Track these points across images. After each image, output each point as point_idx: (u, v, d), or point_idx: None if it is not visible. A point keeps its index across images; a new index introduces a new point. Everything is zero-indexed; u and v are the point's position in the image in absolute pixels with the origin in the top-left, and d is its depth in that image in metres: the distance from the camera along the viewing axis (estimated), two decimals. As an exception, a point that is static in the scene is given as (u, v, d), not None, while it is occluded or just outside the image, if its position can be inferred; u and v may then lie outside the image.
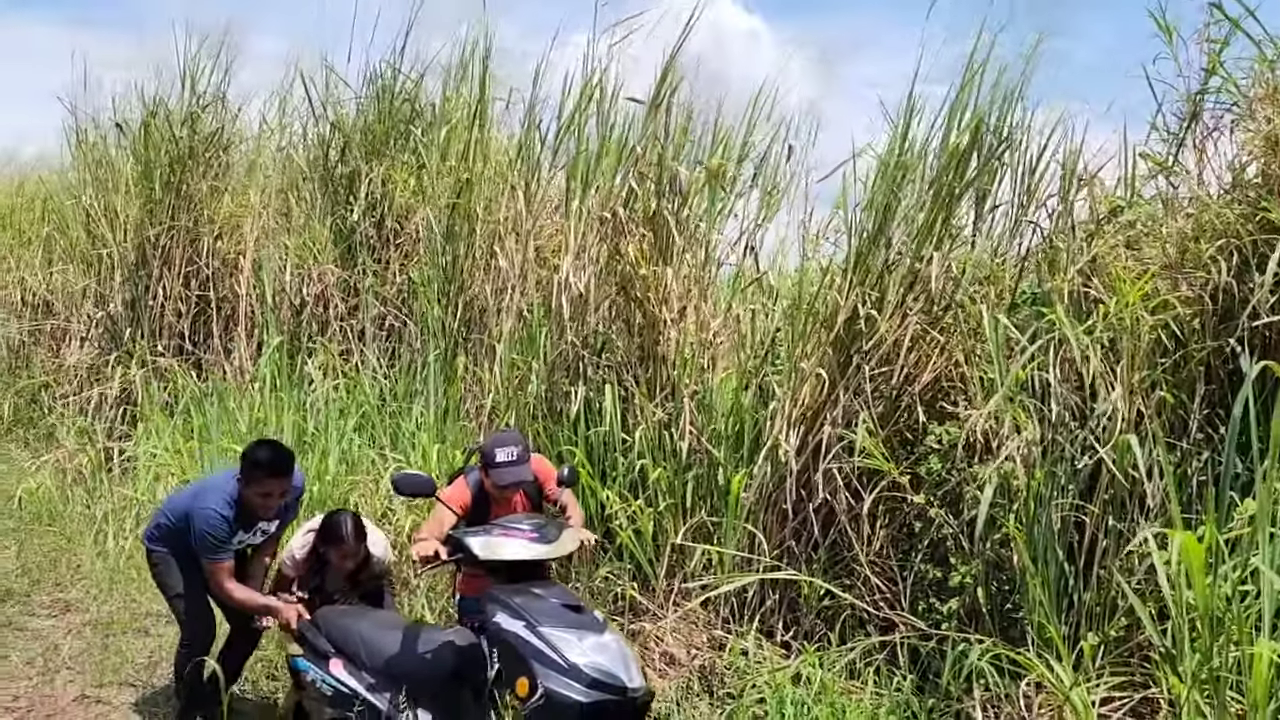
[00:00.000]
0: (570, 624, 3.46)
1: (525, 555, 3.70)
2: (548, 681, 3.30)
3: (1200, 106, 4.59)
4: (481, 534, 3.76)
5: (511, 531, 3.75)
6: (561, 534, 3.84)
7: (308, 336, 7.99)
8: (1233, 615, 3.13)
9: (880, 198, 5.02)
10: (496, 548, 3.69)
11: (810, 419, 5.14)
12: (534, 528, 3.79)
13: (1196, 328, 4.33)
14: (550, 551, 3.78)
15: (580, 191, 6.35)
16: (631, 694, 3.36)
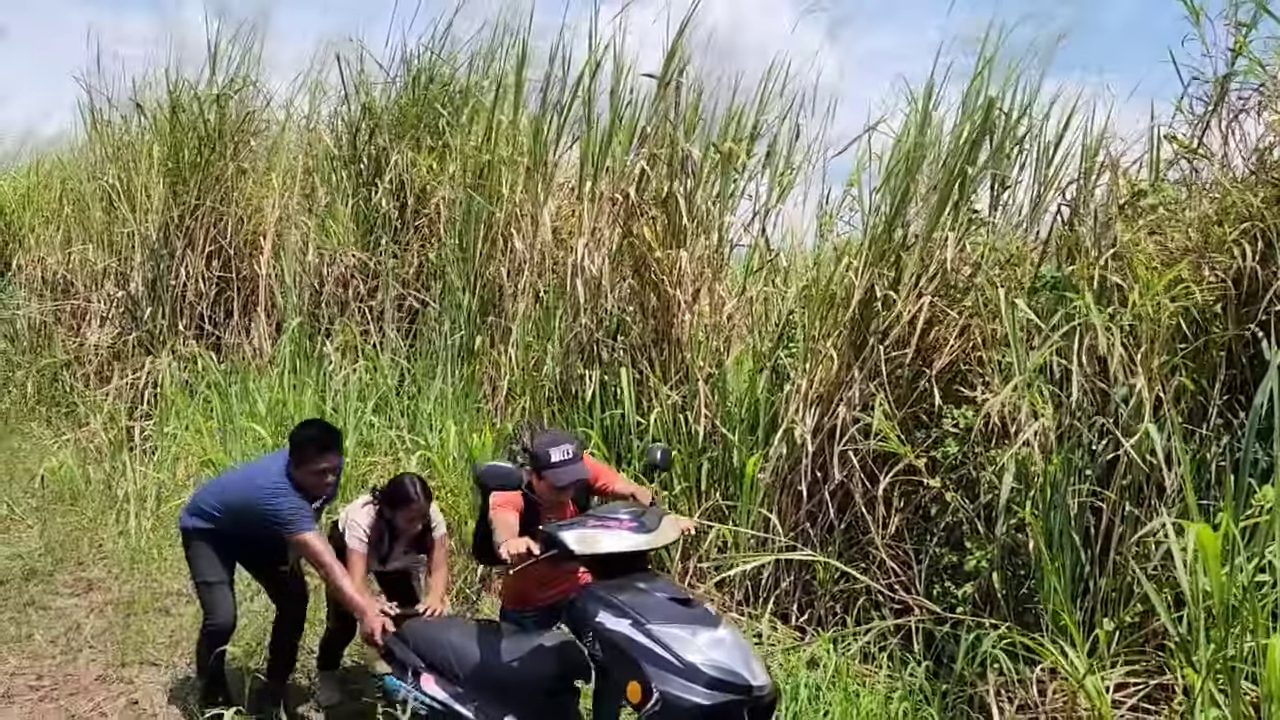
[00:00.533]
0: (681, 619, 3.16)
1: (625, 547, 3.39)
2: (663, 684, 3.02)
3: (1227, 89, 4.51)
4: (576, 527, 3.46)
5: (608, 522, 3.46)
6: (662, 522, 3.54)
7: (327, 318, 8.03)
8: (1249, 606, 3.11)
9: (896, 179, 4.97)
10: (593, 541, 3.39)
11: (825, 401, 5.13)
12: (632, 517, 3.48)
13: (1218, 313, 4.28)
14: (651, 541, 3.46)
15: (593, 173, 6.33)
16: (757, 692, 3.05)
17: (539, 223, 6.61)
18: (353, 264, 8.18)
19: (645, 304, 5.87)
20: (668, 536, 3.58)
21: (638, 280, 5.88)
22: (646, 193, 5.87)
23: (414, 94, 8.44)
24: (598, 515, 3.54)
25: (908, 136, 5.02)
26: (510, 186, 6.92)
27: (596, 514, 3.57)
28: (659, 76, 5.95)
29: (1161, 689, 3.92)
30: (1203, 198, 4.40)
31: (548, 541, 3.43)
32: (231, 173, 9.05)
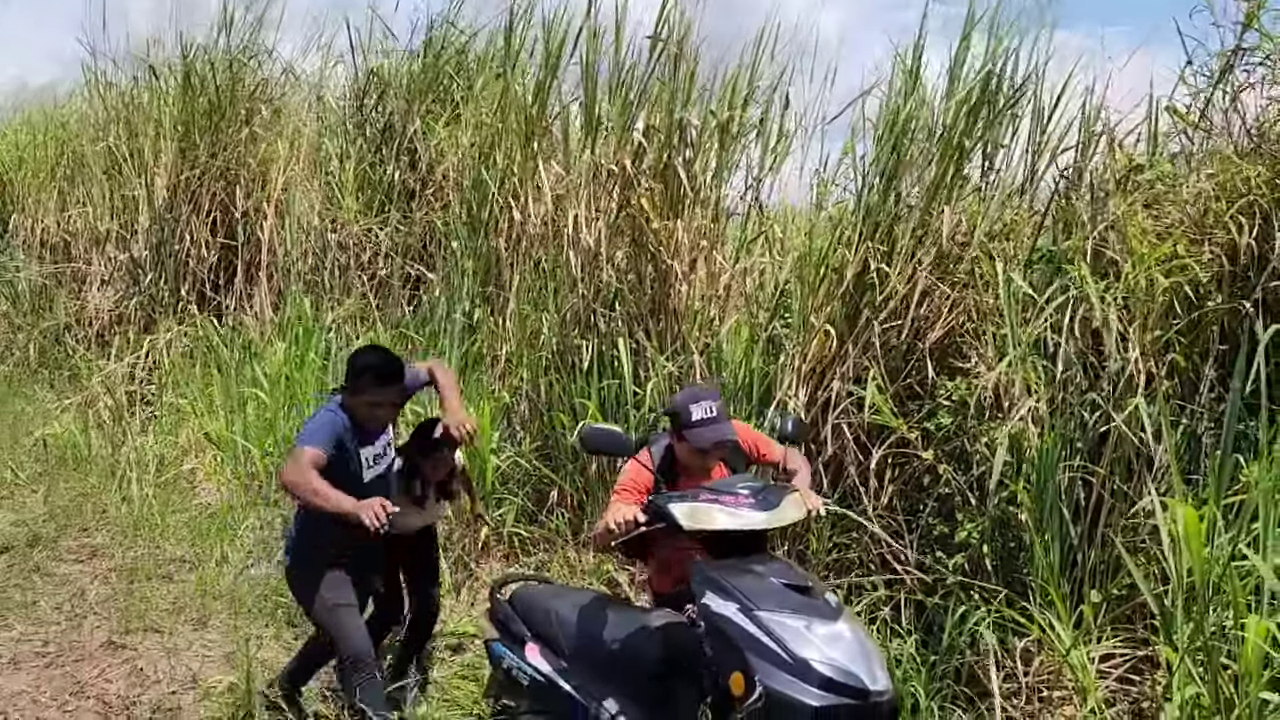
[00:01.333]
0: (796, 608, 2.88)
1: (736, 525, 3.08)
2: (769, 679, 2.75)
3: (1233, 62, 4.47)
4: (687, 499, 3.17)
5: (724, 497, 3.14)
6: (783, 500, 3.20)
7: (331, 286, 8.04)
8: (1230, 583, 3.14)
9: (887, 152, 4.95)
10: (703, 516, 3.09)
11: (819, 373, 5.15)
12: (751, 492, 3.18)
13: (1213, 289, 4.28)
14: (768, 520, 3.14)
15: (590, 142, 6.30)
16: (875, 698, 2.74)
17: (539, 192, 6.59)
18: (358, 232, 8.18)
19: (642, 274, 5.88)
20: (788, 516, 3.24)
21: (635, 250, 5.88)
22: (644, 162, 5.85)
23: (426, 61, 8.39)
24: (713, 489, 3.23)
25: (895, 103, 4.98)
26: (510, 155, 6.89)
27: (712, 487, 3.26)
28: (652, 38, 5.89)
29: (1147, 660, 3.98)
30: (1201, 173, 4.37)
31: (655, 513, 3.18)
32: (244, 138, 9.03)
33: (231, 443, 6.62)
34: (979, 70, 4.85)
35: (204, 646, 4.90)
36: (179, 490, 6.62)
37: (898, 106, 4.98)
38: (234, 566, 5.61)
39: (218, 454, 6.78)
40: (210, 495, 6.59)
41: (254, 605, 5.19)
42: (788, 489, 3.33)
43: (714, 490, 3.21)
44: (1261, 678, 2.91)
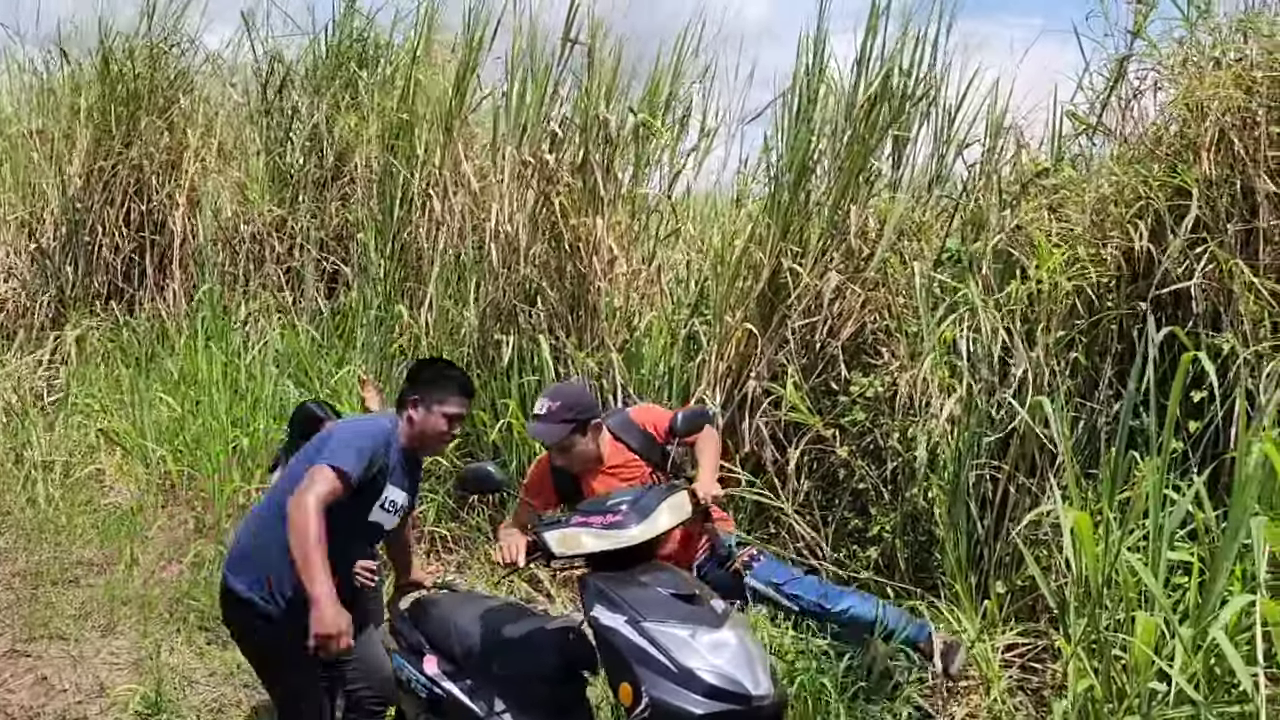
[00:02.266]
0: (682, 617, 2.91)
1: (606, 546, 3.11)
2: (655, 690, 2.79)
3: (1125, 69, 4.61)
4: (559, 526, 3.22)
5: (591, 518, 3.18)
6: (658, 507, 3.20)
7: (244, 278, 7.88)
8: (1123, 580, 3.27)
9: (794, 151, 5.01)
10: (572, 542, 3.15)
11: (736, 372, 5.21)
12: (613, 509, 3.18)
13: (1112, 290, 4.41)
14: (640, 534, 3.13)
15: (517, 135, 6.26)
16: (757, 702, 2.79)
17: (458, 184, 6.54)
18: (270, 222, 8.02)
19: (563, 270, 5.87)
20: (661, 525, 3.20)
21: (554, 246, 5.86)
22: (563, 158, 5.83)
23: (327, 47, 8.24)
24: (585, 510, 3.29)
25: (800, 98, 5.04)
26: (428, 147, 6.81)
27: (584, 508, 3.32)
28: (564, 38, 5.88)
29: (1047, 650, 4.12)
30: (1101, 177, 4.50)
31: (535, 544, 3.23)
32: (159, 127, 8.77)
33: (139, 442, 6.46)
34: (881, 65, 4.92)
35: (112, 654, 4.78)
36: (87, 490, 6.44)
37: (801, 102, 5.05)
38: (144, 569, 5.49)
39: (127, 453, 6.61)
40: (120, 495, 6.43)
41: (165, 609, 5.08)
42: (672, 490, 3.34)
43: (584, 511, 3.27)
44: (1150, 669, 3.03)
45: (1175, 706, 2.97)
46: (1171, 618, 3.05)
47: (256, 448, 6.00)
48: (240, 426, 6.21)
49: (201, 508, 5.92)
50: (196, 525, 5.84)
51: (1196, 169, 4.12)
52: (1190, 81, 4.17)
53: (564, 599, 5.31)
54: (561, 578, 5.28)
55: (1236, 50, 4.15)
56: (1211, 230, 4.14)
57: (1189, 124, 4.29)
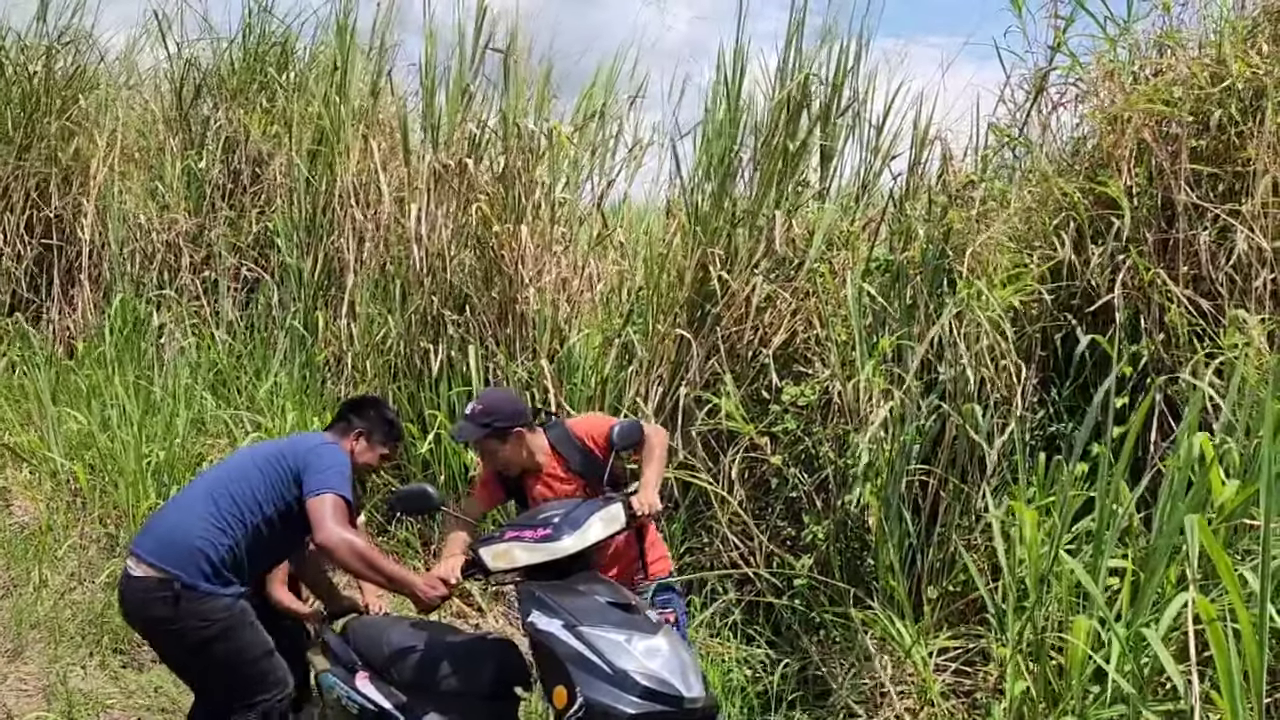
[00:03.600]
0: (618, 624, 2.98)
1: (539, 559, 3.17)
2: (589, 690, 2.84)
3: (1046, 82, 4.73)
4: (493, 542, 3.26)
5: (523, 532, 3.24)
6: (589, 519, 3.26)
7: (157, 288, 7.61)
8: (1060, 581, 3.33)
9: (712, 156, 5.04)
10: (505, 556, 3.21)
11: (667, 380, 5.19)
12: (544, 522, 3.25)
13: (1037, 298, 4.51)
14: (572, 545, 3.19)
15: (432, 142, 6.18)
16: (689, 704, 2.86)
17: (377, 190, 6.42)
18: (184, 231, 7.77)
19: (489, 278, 5.79)
20: (591, 536, 3.25)
21: (479, 255, 5.79)
22: (484, 166, 5.78)
23: (244, 51, 8.03)
24: (518, 524, 3.33)
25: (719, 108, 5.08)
26: (348, 153, 6.67)
27: (516, 522, 3.38)
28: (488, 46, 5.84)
29: (980, 654, 4.17)
30: (1025, 188, 4.61)
31: (472, 561, 3.27)
32: (56, 130, 8.42)
33: (45, 457, 6.18)
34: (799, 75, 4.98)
35: (19, 680, 4.53)
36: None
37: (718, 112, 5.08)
38: (54, 591, 5.23)
39: (34, 469, 6.31)
40: (26, 514, 6.13)
41: (76, 632, 4.85)
42: (608, 502, 3.37)
43: (517, 526, 3.32)
44: (1086, 669, 3.08)
45: (1110, 705, 3.02)
46: (1108, 614, 3.10)
47: (172, 462, 5.78)
48: (155, 440, 5.98)
49: (115, 525, 5.67)
50: (109, 543, 5.60)
51: (1117, 181, 4.24)
52: (1110, 95, 4.29)
53: (496, 614, 5.23)
54: (493, 592, 5.20)
55: (1154, 65, 4.28)
56: (1132, 240, 4.26)
57: (1106, 136, 4.42)
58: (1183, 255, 4.14)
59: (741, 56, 5.19)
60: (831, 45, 5.04)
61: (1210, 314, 4.01)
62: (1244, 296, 3.97)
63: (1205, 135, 4.19)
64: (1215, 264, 4.08)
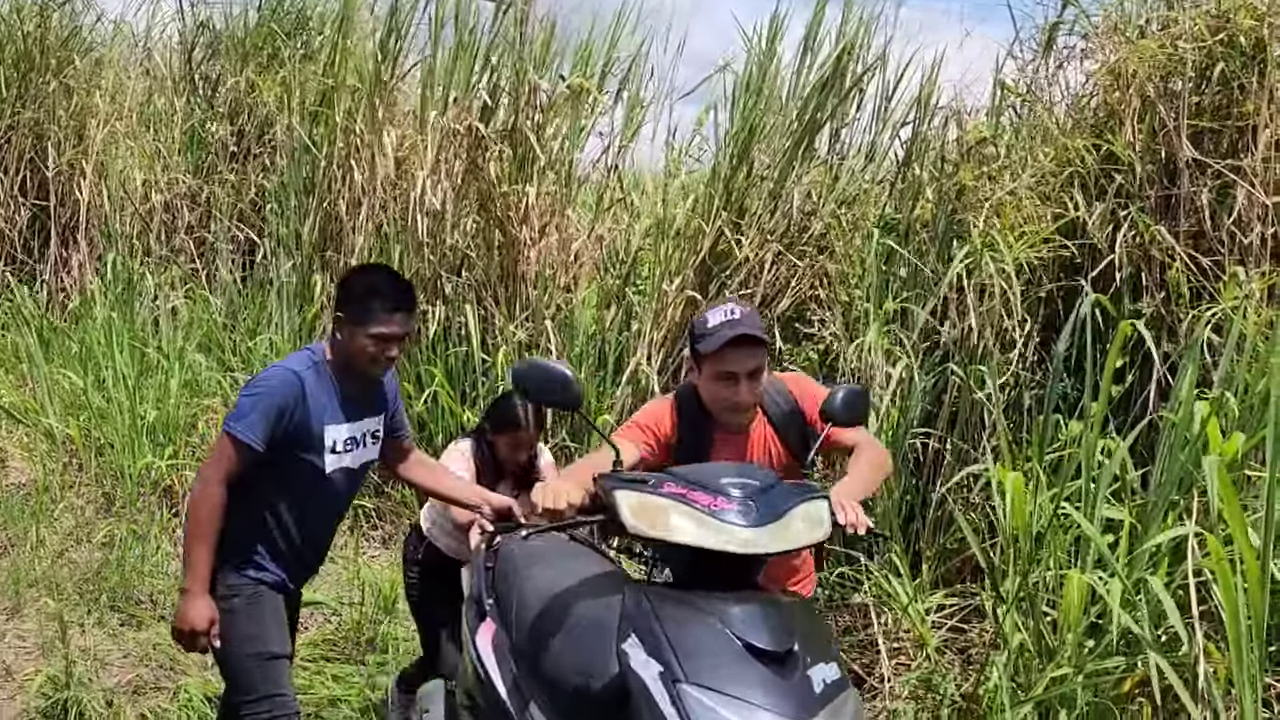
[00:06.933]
0: (745, 686, 1.89)
1: (699, 541, 2.06)
2: None
3: (1054, 36, 4.68)
4: (640, 488, 2.15)
5: (694, 492, 2.11)
6: (790, 511, 2.13)
7: (154, 249, 7.57)
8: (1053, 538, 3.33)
9: (743, 124, 5.00)
10: (656, 515, 2.09)
11: (672, 341, 5.18)
12: (727, 489, 2.12)
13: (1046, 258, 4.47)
14: (753, 541, 2.06)
15: (441, 102, 6.12)
16: None
17: (381, 153, 6.36)
18: (183, 192, 7.72)
19: (490, 240, 5.76)
20: (792, 537, 2.14)
21: (483, 215, 5.75)
22: (493, 125, 5.72)
23: (262, 14, 7.97)
24: (688, 478, 2.18)
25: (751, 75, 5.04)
26: (350, 114, 6.61)
27: (688, 475, 2.20)
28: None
29: (976, 611, 4.18)
30: (1033, 146, 4.56)
31: (599, 500, 2.24)
32: (54, 89, 8.34)
33: (39, 418, 6.17)
34: (834, 46, 4.94)
35: (18, 637, 4.54)
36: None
37: (753, 79, 5.04)
38: (51, 550, 5.23)
39: (29, 429, 6.30)
40: (22, 474, 6.12)
41: (74, 590, 4.85)
42: (810, 494, 2.23)
43: (684, 479, 2.17)
44: (1080, 625, 3.09)
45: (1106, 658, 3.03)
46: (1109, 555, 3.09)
47: (167, 422, 5.77)
48: (149, 401, 5.96)
49: (111, 485, 5.67)
50: (106, 503, 5.60)
51: (1119, 137, 4.20)
52: (1115, 49, 4.24)
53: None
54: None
55: (1160, 19, 4.24)
56: (1133, 197, 4.23)
57: (1110, 92, 4.38)
58: (1184, 212, 4.11)
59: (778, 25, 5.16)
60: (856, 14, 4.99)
61: (1210, 270, 3.99)
62: (1244, 252, 3.94)
63: (1207, 90, 4.15)
64: (1216, 220, 4.05)
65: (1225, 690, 2.80)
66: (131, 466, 5.48)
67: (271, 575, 2.87)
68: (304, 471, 2.81)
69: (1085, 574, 3.14)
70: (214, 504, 2.70)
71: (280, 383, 2.76)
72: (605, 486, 2.20)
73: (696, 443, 2.68)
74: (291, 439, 2.76)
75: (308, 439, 2.78)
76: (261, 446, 2.71)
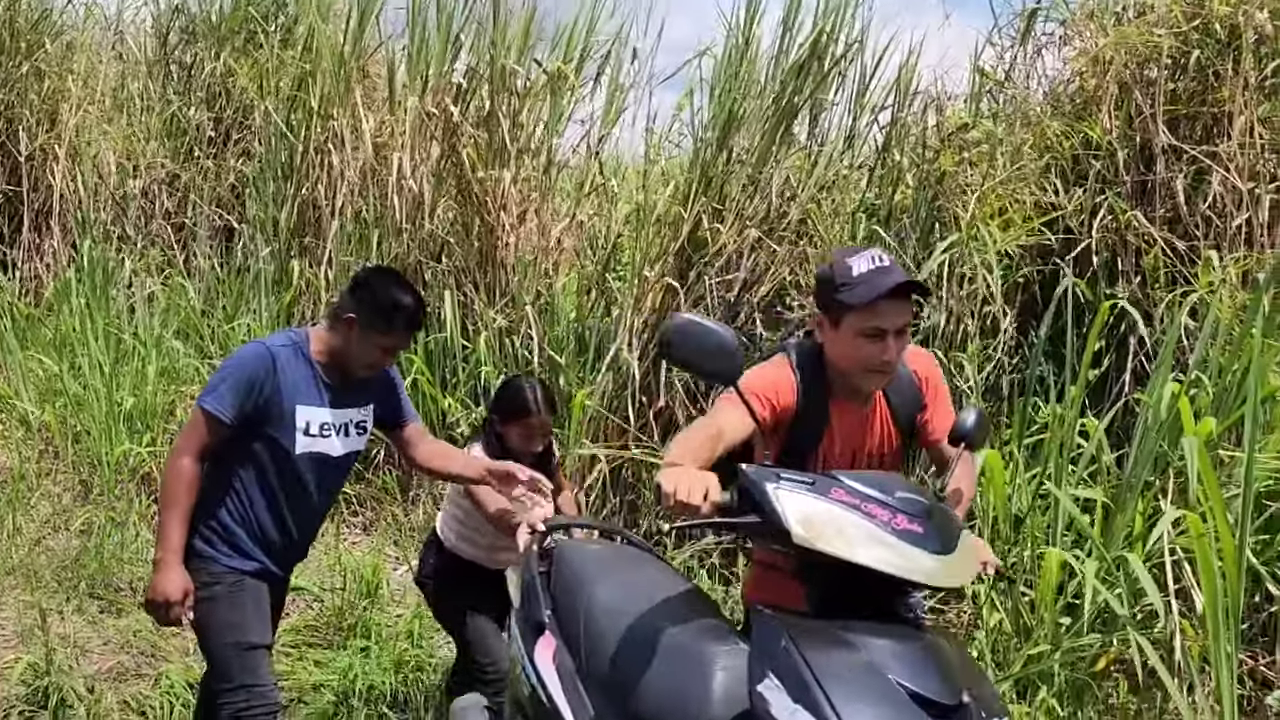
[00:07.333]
0: None
1: (883, 566, 1.73)
2: None
3: (1032, 23, 4.72)
4: (807, 491, 1.80)
5: (868, 504, 1.79)
6: (960, 542, 1.85)
7: (131, 235, 7.50)
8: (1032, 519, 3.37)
9: (722, 110, 5.00)
10: (829, 531, 1.75)
11: (652, 328, 5.18)
12: (913, 504, 1.81)
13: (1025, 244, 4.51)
14: (937, 572, 1.77)
15: (420, 86, 6.09)
16: None
17: (358, 137, 6.32)
18: (161, 177, 7.65)
19: (469, 225, 5.74)
20: (964, 574, 1.90)
21: (461, 201, 5.73)
22: (469, 111, 5.69)
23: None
24: (853, 486, 1.83)
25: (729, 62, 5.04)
26: (327, 99, 6.57)
27: (853, 483, 1.84)
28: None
29: (956, 592, 4.23)
30: (1013, 132, 4.60)
31: (743, 499, 1.84)
32: (25, 73, 8.23)
33: (14, 404, 6.11)
34: (810, 30, 4.94)
35: (-2, 625, 4.52)
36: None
37: (732, 66, 5.03)
38: (29, 538, 5.19)
39: (4, 416, 6.25)
40: (-2, 461, 6.07)
41: (52, 578, 4.82)
42: (957, 522, 1.94)
43: (856, 488, 1.83)
44: (1057, 604, 3.13)
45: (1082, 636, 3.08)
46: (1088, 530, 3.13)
47: (144, 409, 5.73)
48: (125, 387, 5.92)
49: (88, 472, 5.63)
50: (83, 490, 5.56)
51: (1096, 124, 4.25)
52: (1092, 36, 4.28)
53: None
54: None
55: (1137, 6, 4.28)
56: (1111, 183, 4.28)
57: (1088, 79, 4.42)
58: (1160, 197, 4.16)
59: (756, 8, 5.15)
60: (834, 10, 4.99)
61: (1186, 255, 4.04)
62: (1219, 237, 4.00)
63: (1183, 77, 4.20)
64: (1191, 205, 4.10)
65: (1200, 666, 2.86)
66: (109, 453, 5.44)
67: (255, 564, 2.85)
68: (272, 450, 2.78)
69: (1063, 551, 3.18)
70: (184, 475, 2.69)
71: (251, 355, 2.76)
72: (760, 484, 1.81)
73: (815, 417, 2.26)
74: (262, 414, 2.73)
75: (278, 416, 2.74)
76: (230, 419, 2.69)
